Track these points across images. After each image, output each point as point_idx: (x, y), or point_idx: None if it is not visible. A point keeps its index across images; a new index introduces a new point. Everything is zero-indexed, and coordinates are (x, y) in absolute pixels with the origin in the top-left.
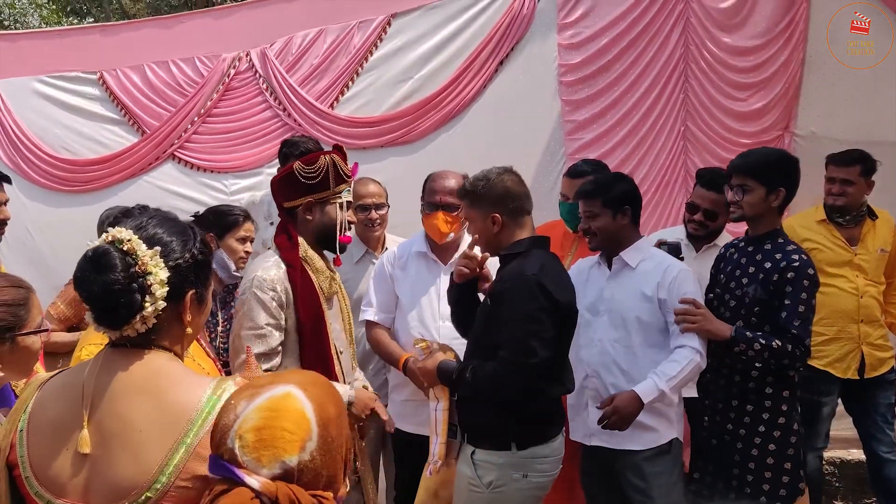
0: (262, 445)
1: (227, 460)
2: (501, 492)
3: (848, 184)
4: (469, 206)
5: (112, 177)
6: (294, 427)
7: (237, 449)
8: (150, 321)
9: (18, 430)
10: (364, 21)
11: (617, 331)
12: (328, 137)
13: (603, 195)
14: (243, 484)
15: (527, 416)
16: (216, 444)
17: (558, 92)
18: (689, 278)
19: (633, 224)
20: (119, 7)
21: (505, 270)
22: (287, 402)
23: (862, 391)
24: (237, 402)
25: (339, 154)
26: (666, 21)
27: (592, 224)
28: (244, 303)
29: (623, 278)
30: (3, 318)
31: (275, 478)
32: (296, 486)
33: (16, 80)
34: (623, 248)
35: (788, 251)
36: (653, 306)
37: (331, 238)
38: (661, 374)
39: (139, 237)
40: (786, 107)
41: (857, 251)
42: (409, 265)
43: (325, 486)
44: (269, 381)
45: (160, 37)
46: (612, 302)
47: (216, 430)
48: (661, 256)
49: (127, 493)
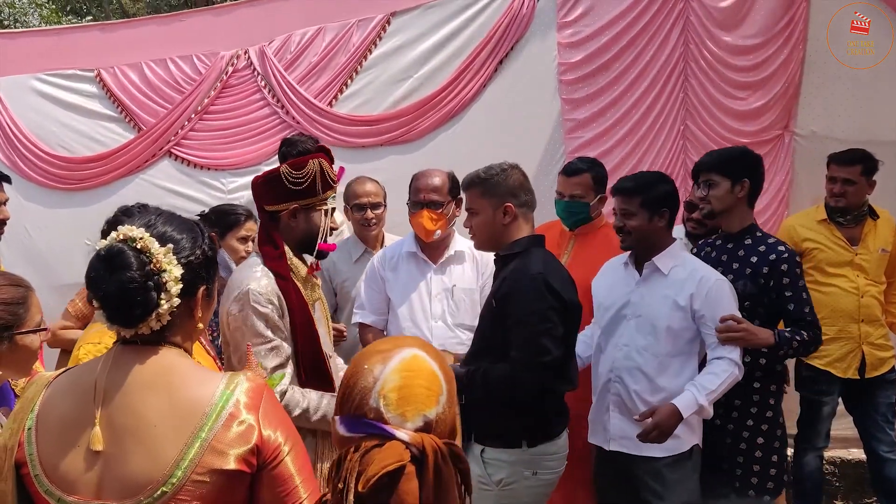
0: (405, 402)
1: (372, 419)
2: (511, 489)
3: (849, 183)
4: (479, 195)
5: (109, 174)
6: (429, 384)
7: (382, 407)
8: (165, 318)
9: (26, 428)
10: (363, 20)
11: (645, 338)
12: (327, 135)
13: (643, 194)
14: (393, 437)
15: (536, 413)
16: (356, 406)
17: (558, 91)
18: (725, 288)
19: (668, 228)
20: (119, 6)
21: (508, 271)
22: (418, 362)
23: (862, 391)
24: (371, 366)
25: (327, 158)
26: (666, 20)
27: (627, 223)
28: (245, 318)
29: (654, 284)
30: (2, 316)
31: (417, 430)
32: (434, 436)
33: (13, 77)
34: (656, 253)
35: (771, 244)
36: (685, 315)
37: (313, 245)
38: (701, 387)
39: (150, 235)
40: (785, 106)
41: (858, 251)
42: (400, 266)
43: (450, 433)
44: (392, 345)
45: (159, 35)
46: (640, 307)
47: (352, 393)
48: (694, 264)
49: (142, 488)
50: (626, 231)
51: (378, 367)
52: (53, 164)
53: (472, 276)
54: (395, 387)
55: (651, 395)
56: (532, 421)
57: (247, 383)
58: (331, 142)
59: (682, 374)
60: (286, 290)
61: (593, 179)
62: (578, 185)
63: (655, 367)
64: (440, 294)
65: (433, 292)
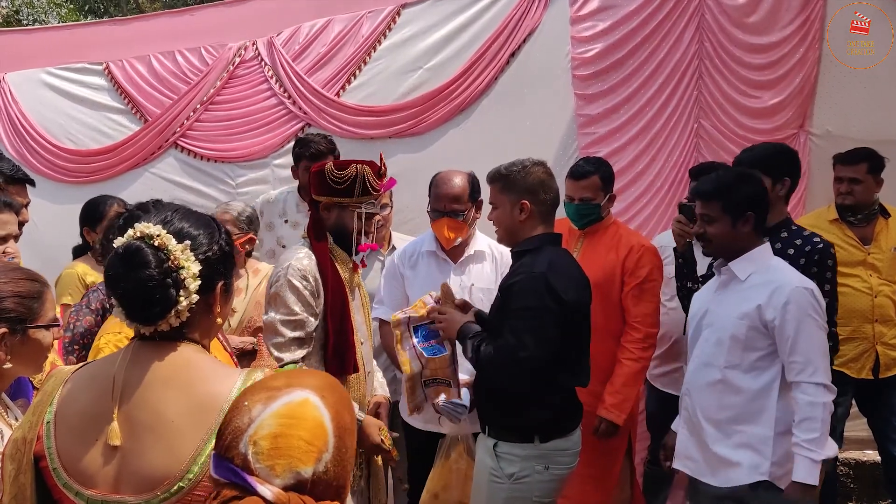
0: (277, 454)
1: (238, 465)
2: (523, 483)
3: (856, 182)
4: (499, 190)
5: (116, 167)
6: (311, 437)
7: (250, 455)
8: (184, 315)
9: (45, 421)
10: (373, 11)
11: (713, 349)
12: (334, 126)
13: (723, 198)
14: (255, 493)
15: (547, 409)
16: (226, 446)
17: (571, 85)
18: (805, 298)
19: (755, 231)
20: (136, 6)
21: (516, 265)
22: (304, 409)
23: (876, 391)
24: (252, 404)
25: (373, 168)
26: (681, 17)
27: (708, 229)
28: (278, 289)
29: (729, 292)
30: (16, 309)
31: (287, 488)
32: (307, 497)
33: (24, 72)
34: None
35: (807, 236)
36: (753, 326)
37: (345, 241)
38: (807, 443)
39: (167, 231)
40: (801, 105)
41: (871, 250)
42: (420, 264)
43: (334, 496)
44: (284, 383)
45: (169, 29)
46: (715, 317)
47: (227, 430)
48: (775, 271)
49: (159, 483)
50: (707, 238)
51: (258, 407)
52: (61, 157)
53: (490, 275)
54: (270, 434)
55: (717, 413)
56: (545, 416)
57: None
58: (338, 133)
59: (757, 393)
60: (324, 271)
61: (602, 180)
62: (588, 188)
63: (722, 383)
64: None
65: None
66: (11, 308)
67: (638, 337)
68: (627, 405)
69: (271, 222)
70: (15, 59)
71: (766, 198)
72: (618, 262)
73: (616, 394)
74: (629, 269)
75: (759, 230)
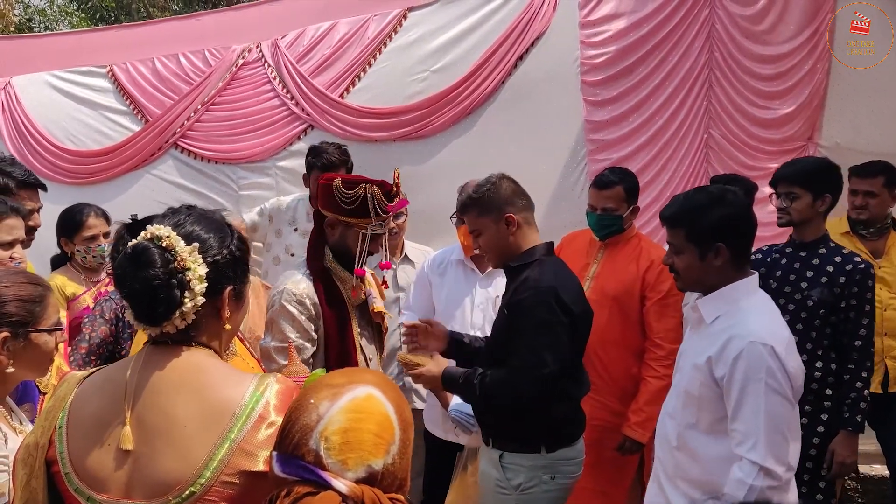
0: (348, 448)
1: (310, 462)
2: (530, 493)
3: (871, 196)
4: (477, 215)
5: (116, 168)
6: (380, 430)
7: (322, 451)
8: (190, 317)
9: (57, 426)
10: (379, 14)
11: (675, 402)
12: (338, 128)
13: (686, 225)
14: (330, 487)
15: (554, 419)
16: (294, 445)
17: (580, 90)
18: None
19: (733, 264)
20: (147, 15)
21: (521, 281)
22: (371, 404)
23: (885, 405)
24: (318, 401)
25: (385, 187)
26: (691, 26)
27: (675, 261)
28: (273, 315)
29: (696, 336)
30: (18, 313)
31: (359, 481)
32: (378, 489)
33: (30, 75)
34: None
35: (846, 254)
36: (706, 382)
37: (346, 260)
38: None
39: (177, 234)
40: (810, 116)
41: (882, 264)
42: (448, 272)
43: (398, 488)
44: (346, 380)
45: (175, 34)
46: (682, 361)
47: (293, 428)
48: (743, 315)
49: (171, 487)
50: (675, 271)
51: (325, 403)
52: (61, 158)
53: None
54: (340, 429)
55: (673, 472)
56: (550, 426)
57: (277, 385)
58: (342, 135)
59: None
60: (319, 290)
61: (626, 191)
62: (611, 199)
63: (675, 440)
64: (483, 304)
65: (476, 301)
66: (13, 312)
67: (661, 354)
68: (651, 424)
69: (280, 229)
70: (24, 64)
71: (745, 222)
72: (638, 275)
73: (640, 412)
74: (650, 283)
75: (739, 262)
